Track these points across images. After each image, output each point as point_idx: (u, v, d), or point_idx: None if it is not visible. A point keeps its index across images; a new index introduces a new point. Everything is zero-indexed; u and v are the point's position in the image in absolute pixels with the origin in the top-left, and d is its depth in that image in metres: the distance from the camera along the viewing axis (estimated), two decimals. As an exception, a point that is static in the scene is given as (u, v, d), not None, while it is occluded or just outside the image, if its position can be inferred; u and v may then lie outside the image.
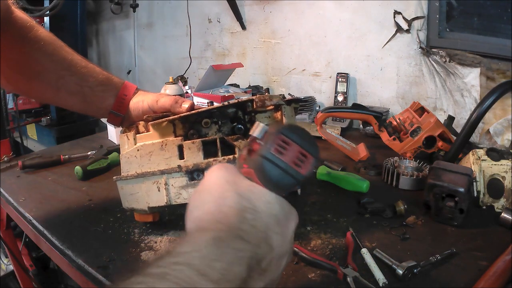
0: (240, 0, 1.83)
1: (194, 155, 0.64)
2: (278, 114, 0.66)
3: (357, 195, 0.85)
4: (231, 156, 0.63)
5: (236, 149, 0.64)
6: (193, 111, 0.65)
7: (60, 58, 0.72)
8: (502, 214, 0.72)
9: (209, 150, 0.65)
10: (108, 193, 0.89)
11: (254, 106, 0.64)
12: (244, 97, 0.69)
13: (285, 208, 0.39)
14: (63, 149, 1.25)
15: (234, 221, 0.34)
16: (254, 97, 0.64)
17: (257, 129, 0.40)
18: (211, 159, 0.64)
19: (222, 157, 0.63)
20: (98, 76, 0.73)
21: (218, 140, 0.64)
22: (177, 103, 0.69)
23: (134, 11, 2.22)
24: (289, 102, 0.67)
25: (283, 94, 0.74)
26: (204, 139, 0.64)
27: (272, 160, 0.37)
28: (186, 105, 0.68)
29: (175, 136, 0.65)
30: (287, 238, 0.37)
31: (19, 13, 0.69)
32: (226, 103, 0.65)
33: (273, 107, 0.65)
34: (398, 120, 1.09)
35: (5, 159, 1.11)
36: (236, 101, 0.65)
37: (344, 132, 1.38)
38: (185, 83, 1.76)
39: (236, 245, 0.31)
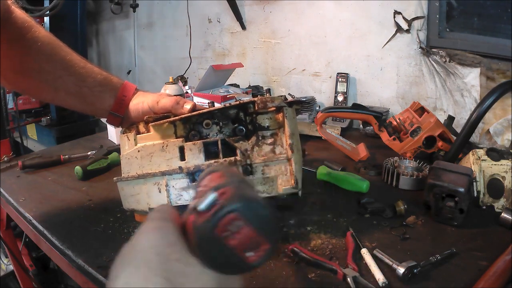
0: (240, 0, 1.83)
1: (195, 157, 0.64)
2: (280, 116, 0.66)
3: (357, 195, 0.85)
4: (232, 158, 0.63)
5: (238, 151, 0.64)
6: (194, 112, 0.64)
7: (58, 58, 0.72)
8: (502, 214, 0.72)
9: (210, 151, 0.65)
10: (108, 193, 0.89)
11: (256, 108, 0.64)
12: (246, 99, 0.69)
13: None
14: (63, 149, 1.26)
15: None
16: (255, 99, 0.64)
17: (204, 201, 0.31)
18: (212, 161, 0.64)
19: (224, 159, 0.63)
20: (97, 77, 0.73)
21: (219, 142, 0.64)
22: (178, 104, 0.68)
23: (134, 11, 2.22)
24: (290, 103, 0.67)
25: (285, 95, 0.74)
26: (205, 140, 0.64)
27: (214, 243, 0.30)
28: (188, 106, 0.67)
29: (176, 137, 0.65)
30: None
31: (19, 13, 0.69)
32: (227, 104, 0.65)
33: (274, 108, 0.65)
34: (398, 120, 1.10)
35: (5, 159, 1.11)
36: (238, 102, 0.65)
37: (344, 132, 1.38)
38: (185, 83, 1.76)
39: None
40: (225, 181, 0.34)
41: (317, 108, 1.54)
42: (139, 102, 0.73)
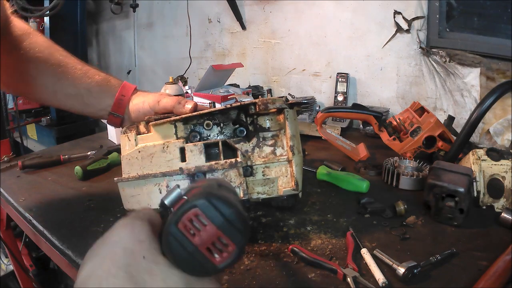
0: (240, 0, 1.83)
1: (196, 158, 0.64)
2: (281, 117, 0.66)
3: (357, 195, 0.85)
4: (233, 160, 0.63)
5: (238, 152, 0.64)
6: (195, 113, 0.64)
7: (55, 62, 0.73)
8: (502, 214, 0.73)
9: (211, 153, 0.65)
10: (108, 193, 0.89)
11: (257, 109, 0.64)
12: (247, 100, 0.69)
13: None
14: (63, 149, 1.26)
15: None
16: (257, 100, 0.63)
17: (169, 195, 0.32)
18: (213, 162, 0.64)
19: (224, 161, 0.63)
20: (95, 78, 0.74)
21: (220, 143, 0.64)
22: (180, 104, 0.68)
23: (134, 11, 2.22)
24: (291, 105, 0.67)
25: (286, 97, 0.73)
26: (206, 142, 0.64)
27: (177, 238, 0.30)
28: (189, 105, 0.67)
29: (177, 138, 0.65)
30: None
31: (17, 22, 0.71)
32: (228, 105, 0.65)
33: (275, 110, 0.65)
34: (398, 120, 1.10)
35: (5, 159, 1.11)
36: (239, 103, 0.65)
37: (344, 132, 1.38)
38: (185, 83, 1.76)
39: None
40: (200, 183, 0.34)
41: (317, 108, 1.54)
42: (140, 102, 0.73)
